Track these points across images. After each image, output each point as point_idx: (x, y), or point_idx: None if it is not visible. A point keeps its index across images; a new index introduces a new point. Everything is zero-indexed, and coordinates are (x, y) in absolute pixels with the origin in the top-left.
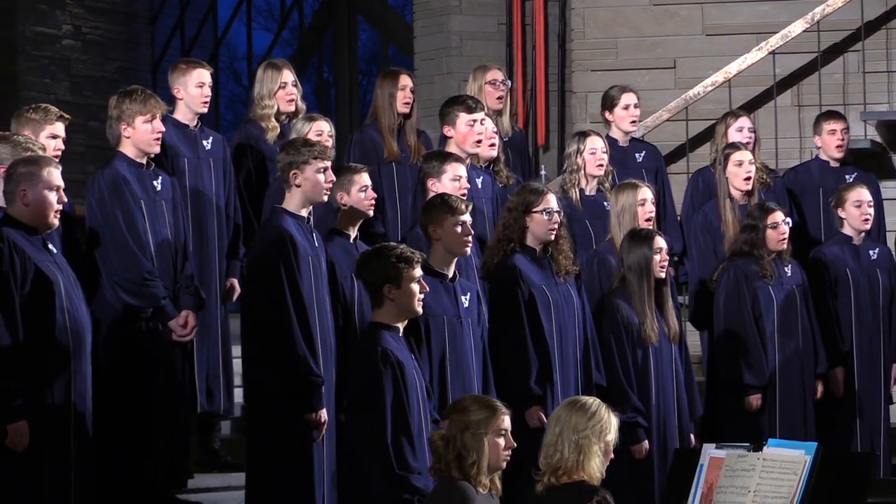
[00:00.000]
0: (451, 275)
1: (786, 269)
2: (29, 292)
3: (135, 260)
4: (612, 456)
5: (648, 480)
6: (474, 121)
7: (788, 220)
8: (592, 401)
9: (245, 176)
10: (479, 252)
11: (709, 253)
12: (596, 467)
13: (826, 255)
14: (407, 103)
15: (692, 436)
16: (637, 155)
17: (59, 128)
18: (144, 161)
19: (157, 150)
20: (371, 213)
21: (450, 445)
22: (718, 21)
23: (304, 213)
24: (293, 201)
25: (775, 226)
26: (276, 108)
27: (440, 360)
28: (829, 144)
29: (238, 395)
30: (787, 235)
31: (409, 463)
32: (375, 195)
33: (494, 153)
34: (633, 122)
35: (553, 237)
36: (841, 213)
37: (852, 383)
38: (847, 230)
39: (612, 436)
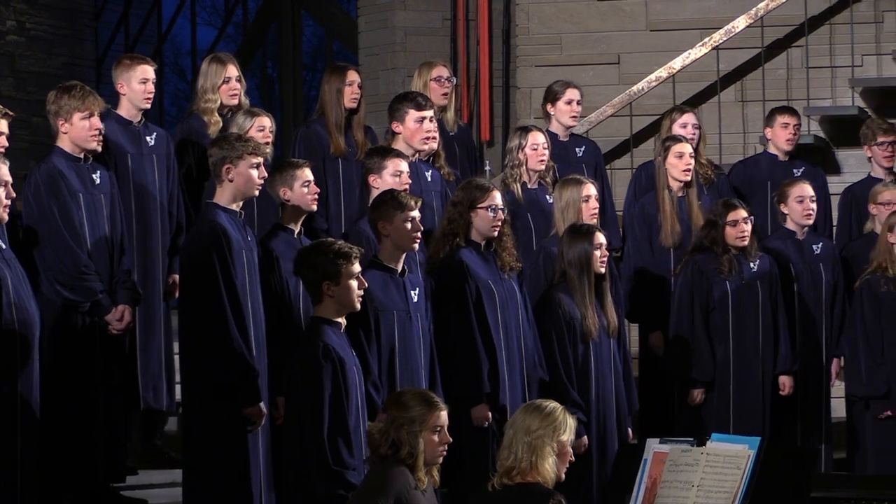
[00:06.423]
0: (400, 270)
1: (751, 264)
2: None
3: (71, 254)
4: (572, 458)
5: (587, 476)
6: (423, 118)
7: (751, 217)
8: (548, 403)
9: (186, 170)
10: (425, 247)
11: (644, 244)
12: (550, 468)
13: (769, 250)
14: (354, 99)
15: (629, 430)
16: (577, 150)
17: (3, 124)
18: (82, 156)
19: (94, 146)
20: (314, 208)
21: (384, 437)
22: (662, 16)
23: (235, 207)
24: (225, 196)
25: (735, 223)
26: (219, 102)
27: (389, 354)
28: (780, 138)
29: (179, 391)
30: (746, 233)
31: (345, 459)
32: (318, 190)
33: (434, 146)
34: (574, 117)
35: (496, 234)
36: (784, 209)
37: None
38: (790, 225)
39: (566, 436)
